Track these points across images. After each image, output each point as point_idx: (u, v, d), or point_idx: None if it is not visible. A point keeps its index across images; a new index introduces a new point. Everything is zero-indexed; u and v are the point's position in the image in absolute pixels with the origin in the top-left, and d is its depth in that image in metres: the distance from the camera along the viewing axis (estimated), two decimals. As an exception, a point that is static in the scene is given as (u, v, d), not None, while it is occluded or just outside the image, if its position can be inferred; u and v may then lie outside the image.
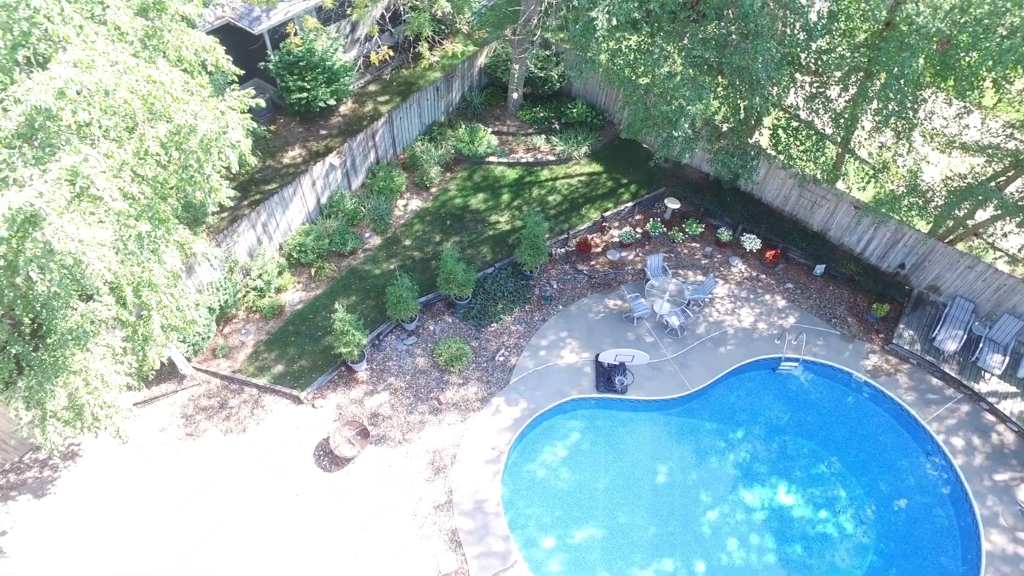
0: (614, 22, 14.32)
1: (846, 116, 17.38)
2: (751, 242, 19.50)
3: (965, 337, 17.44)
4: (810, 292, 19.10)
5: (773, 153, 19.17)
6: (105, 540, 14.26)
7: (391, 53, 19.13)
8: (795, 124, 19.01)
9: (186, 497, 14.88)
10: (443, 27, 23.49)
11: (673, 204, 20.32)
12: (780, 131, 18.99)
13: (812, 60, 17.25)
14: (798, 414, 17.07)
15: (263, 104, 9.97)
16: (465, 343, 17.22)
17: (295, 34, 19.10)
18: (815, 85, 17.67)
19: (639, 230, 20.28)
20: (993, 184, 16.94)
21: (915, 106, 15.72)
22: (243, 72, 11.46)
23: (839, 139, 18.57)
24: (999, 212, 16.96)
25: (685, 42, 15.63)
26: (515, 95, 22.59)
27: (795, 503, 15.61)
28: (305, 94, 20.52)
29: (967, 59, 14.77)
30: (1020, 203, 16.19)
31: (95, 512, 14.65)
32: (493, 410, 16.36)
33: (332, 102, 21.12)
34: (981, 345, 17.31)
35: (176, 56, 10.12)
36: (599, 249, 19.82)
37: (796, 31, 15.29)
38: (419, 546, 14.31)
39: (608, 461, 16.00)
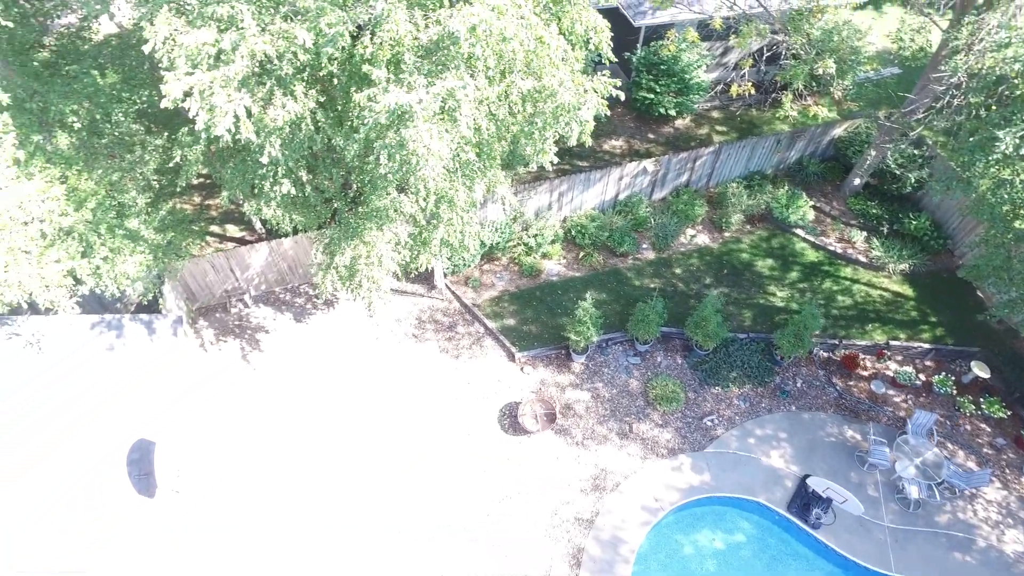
0: (1023, 151, 12.29)
1: None
2: (1060, 459, 15.83)
3: None
4: (1113, 556, 15.01)
5: None
6: (319, 374, 16.72)
7: (752, 90, 18.64)
8: None
9: (388, 383, 16.74)
10: (815, 84, 22.26)
11: (981, 371, 17.16)
12: None
13: None
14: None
15: (622, 97, 10.40)
16: (682, 390, 16.66)
17: (669, 39, 19.52)
18: None
19: (922, 377, 17.58)
20: None
21: None
22: (615, 60, 12.01)
23: None
24: None
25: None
26: (856, 181, 20.70)
27: None
28: (652, 96, 21.01)
29: None
30: None
31: (325, 351, 17.24)
32: (675, 465, 15.71)
33: (672, 112, 21.34)
34: None
35: (568, 27, 10.92)
36: (865, 373, 17.62)
37: None
38: (542, 543, 14.47)
39: (762, 584, 14.54)
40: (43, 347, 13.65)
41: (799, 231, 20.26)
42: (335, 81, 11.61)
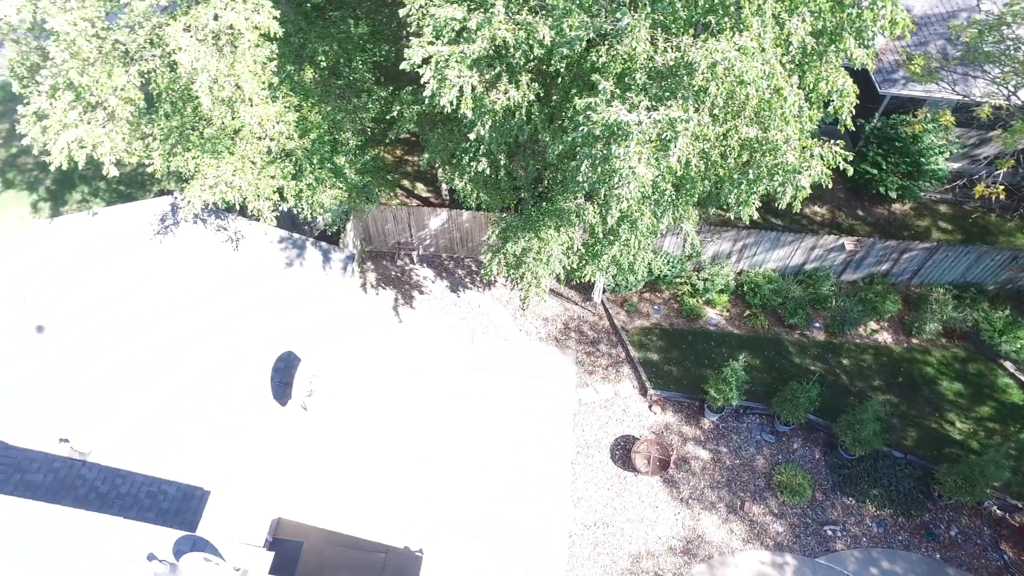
0: None
1: None
2: None
3: None
4: None
5: None
6: (455, 346, 17.35)
7: (1002, 195, 16.35)
8: None
9: (518, 376, 16.92)
10: (1083, 205, 19.26)
11: None
12: None
13: None
14: None
15: (849, 171, 9.57)
16: (811, 487, 15.28)
17: (918, 116, 17.68)
18: None
19: (1112, 577, 14.75)
20: None
21: None
22: (852, 129, 11.06)
23: None
24: None
25: None
26: (1103, 328, 17.61)
27: None
28: (875, 171, 19.27)
29: None
30: None
31: (468, 327, 17.83)
32: (779, 561, 14.48)
33: (892, 194, 19.50)
34: None
35: (811, 83, 10.18)
36: (1039, 547, 15.10)
37: None
38: (617, 588, 14.02)
39: None
40: (239, 247, 15.28)
41: (1008, 364, 17.63)
42: (559, 80, 11.77)
